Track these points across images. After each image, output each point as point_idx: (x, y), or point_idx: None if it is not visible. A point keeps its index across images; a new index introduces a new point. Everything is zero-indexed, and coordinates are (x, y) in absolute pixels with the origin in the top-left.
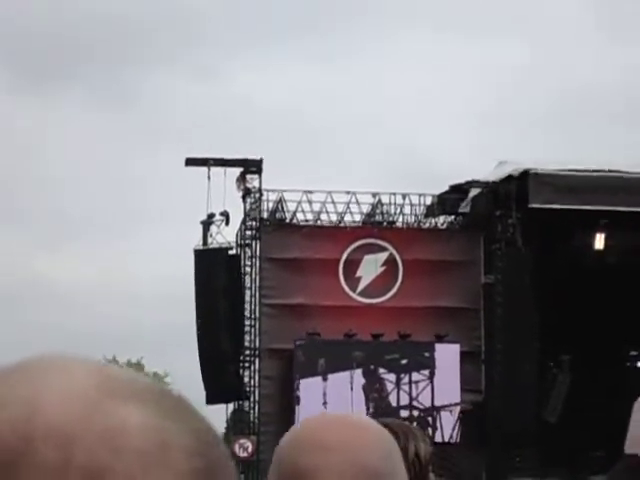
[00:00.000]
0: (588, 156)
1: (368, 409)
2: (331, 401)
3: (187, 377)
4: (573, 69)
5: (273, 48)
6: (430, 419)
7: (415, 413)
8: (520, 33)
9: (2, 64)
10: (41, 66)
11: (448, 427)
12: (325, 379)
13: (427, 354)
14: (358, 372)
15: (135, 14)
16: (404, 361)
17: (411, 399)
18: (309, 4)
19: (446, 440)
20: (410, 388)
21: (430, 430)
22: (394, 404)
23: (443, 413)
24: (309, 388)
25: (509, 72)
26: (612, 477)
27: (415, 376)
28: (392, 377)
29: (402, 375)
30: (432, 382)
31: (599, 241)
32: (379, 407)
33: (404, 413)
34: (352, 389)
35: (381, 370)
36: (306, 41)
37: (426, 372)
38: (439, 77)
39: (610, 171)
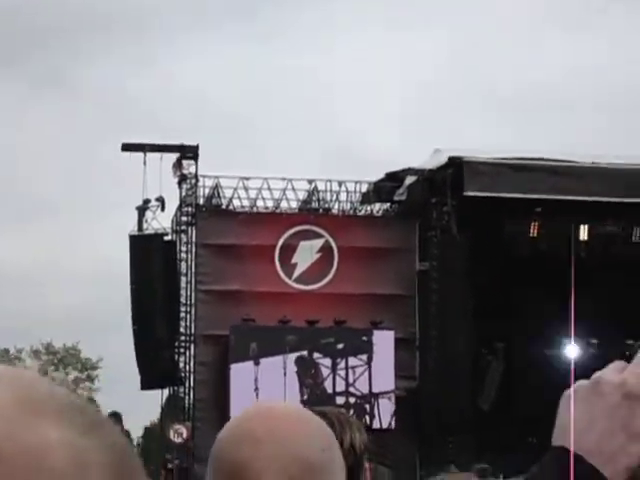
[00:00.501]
0: (523, 144)
1: (302, 395)
2: (263, 387)
3: (122, 362)
4: (508, 59)
5: (210, 34)
6: (367, 406)
7: (352, 400)
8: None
9: None
10: None
11: (386, 414)
12: (257, 364)
13: (365, 338)
14: (291, 357)
15: (73, 2)
16: (340, 345)
17: (347, 385)
18: None
19: (384, 427)
20: (347, 374)
21: (367, 417)
22: (330, 390)
23: (381, 400)
24: (240, 373)
25: (445, 60)
26: (539, 469)
27: (352, 361)
28: (328, 362)
29: (338, 360)
30: (370, 367)
31: (533, 229)
32: (314, 393)
33: (340, 400)
34: (285, 374)
35: (316, 355)
36: (242, 27)
37: (364, 357)
38: (375, 64)
39: (544, 159)
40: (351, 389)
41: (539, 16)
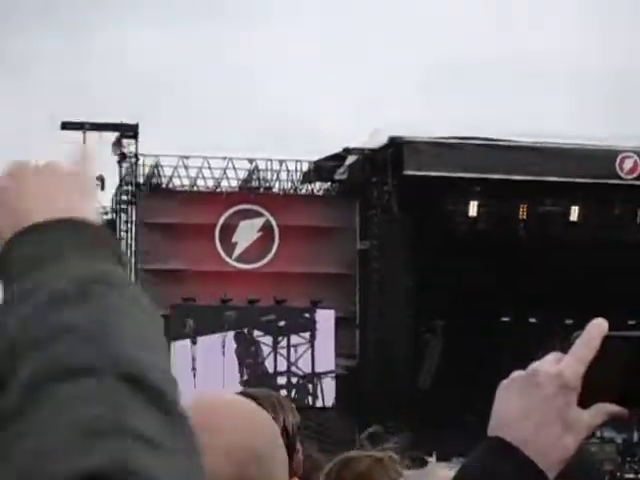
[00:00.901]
0: (464, 124)
1: (242, 376)
2: (201, 367)
3: None
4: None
5: (146, 9)
6: (310, 386)
7: (294, 380)
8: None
9: None
10: None
11: (329, 393)
12: (194, 342)
13: (307, 315)
14: (230, 335)
15: None
16: (282, 323)
17: (289, 364)
18: None
19: (326, 406)
20: (288, 352)
21: (310, 398)
22: (271, 370)
23: (323, 379)
24: (177, 352)
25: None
26: (474, 460)
27: (294, 339)
28: (269, 340)
29: (280, 338)
30: (313, 346)
31: (472, 208)
32: (254, 373)
33: (282, 380)
34: (224, 354)
35: (256, 333)
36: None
37: (306, 335)
38: (318, 43)
39: (484, 139)
40: (293, 368)
41: None
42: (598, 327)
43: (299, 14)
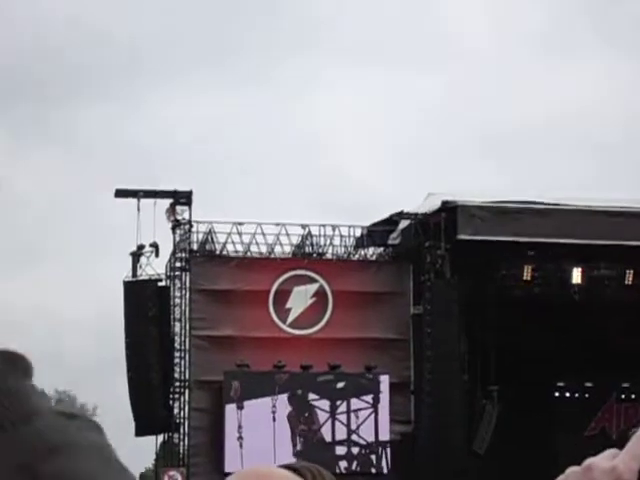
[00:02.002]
0: (516, 188)
1: (295, 445)
2: (248, 435)
3: (118, 409)
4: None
5: (198, 78)
6: (374, 457)
7: (355, 450)
8: (443, 67)
9: None
10: None
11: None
12: (240, 407)
13: (370, 376)
14: (282, 398)
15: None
16: (341, 384)
17: (350, 432)
18: (228, 33)
19: (383, 472)
20: (348, 418)
21: (374, 470)
22: (328, 438)
23: (388, 448)
24: (231, 419)
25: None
26: None
27: (355, 404)
28: (325, 405)
29: (338, 402)
30: (376, 411)
31: (526, 272)
32: (309, 442)
33: (341, 450)
34: (275, 419)
35: (311, 396)
36: (234, 70)
37: (368, 399)
38: (370, 109)
39: (536, 203)
40: (354, 437)
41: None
42: None
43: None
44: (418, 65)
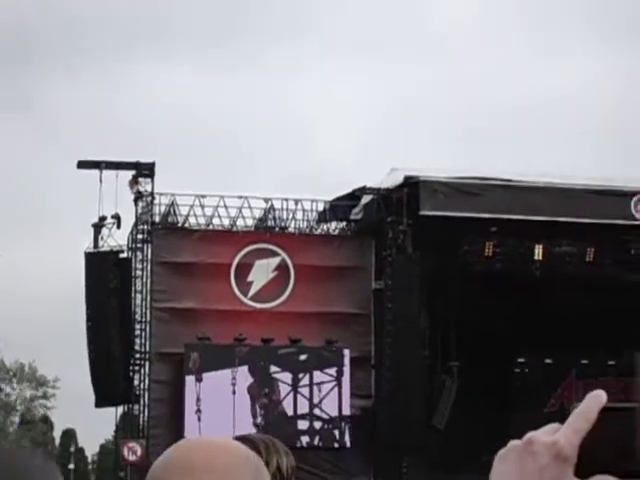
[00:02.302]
0: (479, 165)
1: (255, 418)
2: (207, 407)
3: (78, 381)
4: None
5: (168, 51)
6: (337, 432)
7: (317, 425)
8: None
9: None
10: None
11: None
12: (199, 379)
13: (333, 349)
14: (243, 370)
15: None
16: (303, 357)
17: (312, 406)
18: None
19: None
20: (311, 392)
21: (337, 445)
22: (290, 412)
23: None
24: (190, 391)
25: (408, 84)
26: None
27: (318, 376)
28: (287, 377)
29: (300, 375)
30: (340, 384)
31: (488, 248)
32: (270, 415)
33: (303, 424)
34: (235, 392)
35: (273, 368)
36: (203, 44)
37: (332, 371)
38: (338, 84)
39: (499, 180)
40: (316, 411)
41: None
42: (596, 399)
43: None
44: (392, 49)
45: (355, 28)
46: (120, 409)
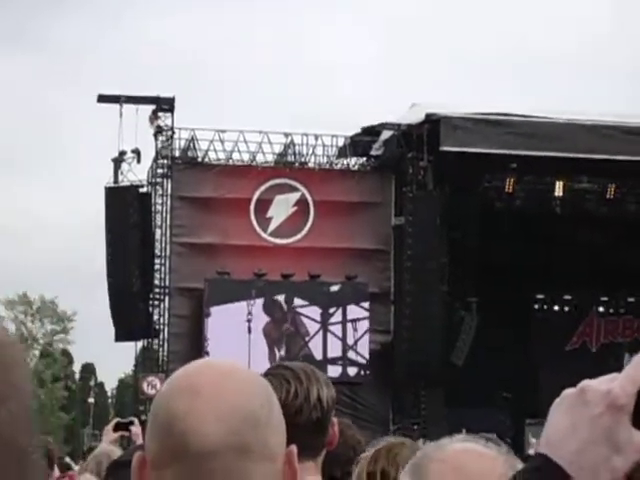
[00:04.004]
0: (501, 101)
1: (273, 362)
2: (215, 349)
3: (98, 315)
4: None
5: None
6: (369, 375)
7: (352, 371)
8: None
9: None
10: None
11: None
12: (207, 314)
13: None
14: (259, 303)
15: None
16: (335, 287)
17: (345, 348)
18: None
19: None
20: (344, 330)
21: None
22: (318, 355)
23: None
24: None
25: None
26: (518, 476)
27: (353, 311)
28: (315, 312)
29: (332, 310)
30: (371, 320)
31: (509, 184)
32: (292, 359)
33: (334, 371)
34: (250, 330)
35: (297, 302)
36: None
37: (367, 305)
38: (357, 19)
39: (520, 116)
40: (351, 354)
41: None
42: None
43: None
44: None
45: None
46: (139, 344)
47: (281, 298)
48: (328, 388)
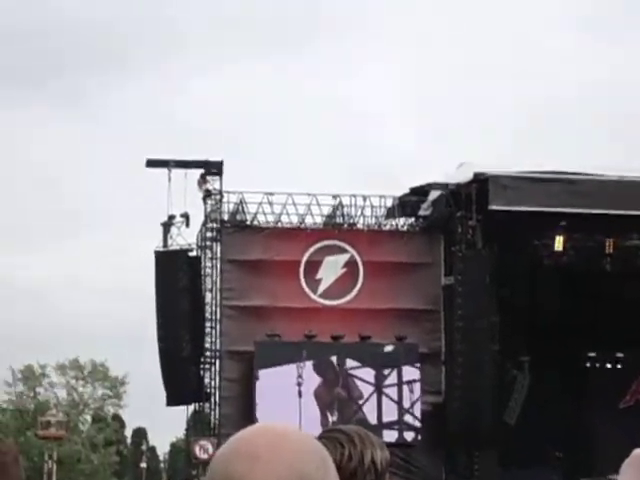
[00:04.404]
0: (547, 160)
1: (326, 427)
2: (264, 414)
3: (148, 379)
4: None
5: (228, 52)
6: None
7: (409, 435)
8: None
9: None
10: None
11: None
12: (256, 377)
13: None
14: (309, 366)
15: (99, 25)
16: (389, 348)
17: (401, 411)
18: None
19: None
20: (400, 392)
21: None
22: (372, 420)
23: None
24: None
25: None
26: None
27: (408, 372)
28: (369, 374)
29: (386, 371)
30: (421, 381)
31: (558, 242)
32: (345, 423)
33: (390, 436)
34: (301, 394)
35: (350, 363)
36: (266, 41)
37: (418, 365)
38: (403, 80)
39: (569, 174)
40: (407, 417)
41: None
42: None
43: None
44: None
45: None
46: (191, 407)
47: (333, 359)
48: (382, 450)
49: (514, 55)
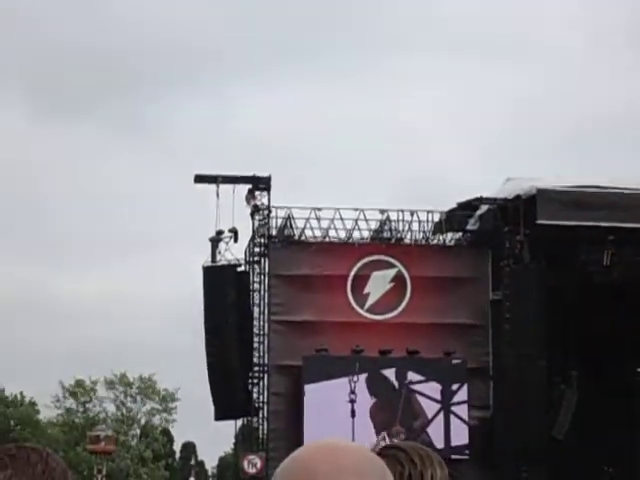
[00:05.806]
0: (595, 174)
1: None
2: (312, 433)
3: (197, 393)
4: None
5: (276, 70)
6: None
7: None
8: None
9: (22, 96)
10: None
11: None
12: (303, 393)
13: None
14: (362, 380)
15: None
16: (456, 360)
17: (472, 432)
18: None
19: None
20: (470, 411)
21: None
22: (439, 443)
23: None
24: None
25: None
26: None
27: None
28: (434, 390)
29: (455, 387)
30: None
31: (606, 257)
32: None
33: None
34: (354, 413)
35: (412, 376)
36: (313, 62)
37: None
38: (451, 95)
39: (616, 188)
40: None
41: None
42: None
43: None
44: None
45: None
46: (239, 422)
47: (389, 372)
48: (442, 469)
49: (562, 73)
